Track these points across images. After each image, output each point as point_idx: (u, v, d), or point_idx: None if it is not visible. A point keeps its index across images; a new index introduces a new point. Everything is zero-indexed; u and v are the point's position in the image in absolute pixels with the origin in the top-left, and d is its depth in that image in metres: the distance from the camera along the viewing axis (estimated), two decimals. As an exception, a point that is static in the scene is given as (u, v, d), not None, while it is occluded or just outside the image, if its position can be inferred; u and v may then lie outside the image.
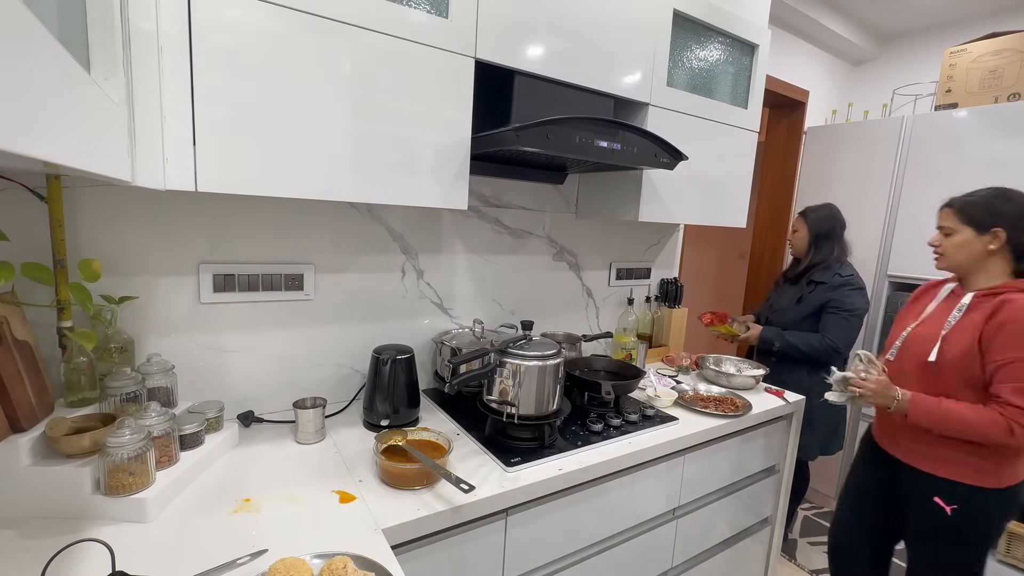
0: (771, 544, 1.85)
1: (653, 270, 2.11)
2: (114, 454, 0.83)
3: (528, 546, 1.13)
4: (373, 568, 0.76)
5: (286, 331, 1.31)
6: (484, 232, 1.61)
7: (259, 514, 0.91)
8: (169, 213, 1.13)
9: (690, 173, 1.57)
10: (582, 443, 1.24)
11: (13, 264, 0.84)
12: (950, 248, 1.26)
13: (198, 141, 0.85)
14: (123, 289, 1.08)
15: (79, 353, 0.95)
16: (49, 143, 0.44)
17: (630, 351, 1.91)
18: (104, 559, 0.72)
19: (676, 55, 1.49)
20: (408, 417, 1.30)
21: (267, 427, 1.25)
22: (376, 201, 1.06)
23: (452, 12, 1.07)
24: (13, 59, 0.36)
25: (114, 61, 0.71)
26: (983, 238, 1.21)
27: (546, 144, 1.09)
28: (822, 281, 1.97)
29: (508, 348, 1.20)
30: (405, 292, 1.48)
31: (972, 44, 2.29)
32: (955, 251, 1.26)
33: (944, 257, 1.29)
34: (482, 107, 1.18)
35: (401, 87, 1.04)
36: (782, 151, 3.00)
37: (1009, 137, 2.07)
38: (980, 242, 1.22)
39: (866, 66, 3.16)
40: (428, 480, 1.02)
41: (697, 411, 1.52)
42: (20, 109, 0.37)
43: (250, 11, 0.87)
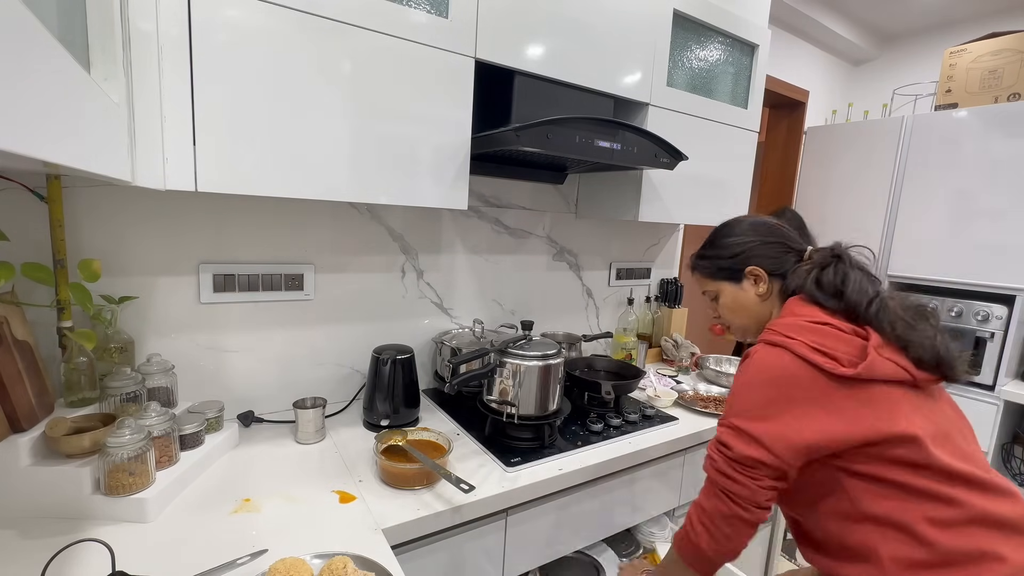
0: (771, 544, 1.85)
1: (653, 270, 2.11)
2: (114, 454, 0.83)
3: (528, 546, 1.13)
4: (373, 568, 0.76)
5: (286, 331, 1.31)
6: (484, 232, 1.61)
7: (259, 514, 0.91)
8: (169, 213, 1.13)
9: (690, 173, 1.57)
10: (582, 443, 1.24)
11: (13, 264, 0.84)
12: (727, 314, 1.02)
13: (198, 141, 0.85)
14: (123, 289, 1.08)
15: (79, 353, 0.95)
16: (49, 143, 0.44)
17: (630, 351, 1.91)
18: (104, 559, 0.72)
19: (676, 55, 1.49)
20: (408, 417, 1.30)
21: (267, 427, 1.25)
22: (376, 201, 1.06)
23: (452, 12, 1.07)
24: (13, 59, 0.36)
25: (114, 61, 0.71)
26: (743, 286, 0.97)
27: (546, 144, 1.09)
28: None
29: (508, 348, 1.20)
30: (405, 292, 1.48)
31: (972, 44, 2.29)
32: (733, 315, 1.00)
33: (732, 328, 1.04)
34: (482, 107, 1.18)
35: (401, 87, 1.04)
36: (782, 151, 3.00)
37: (1009, 137, 2.07)
38: (744, 292, 0.97)
39: (866, 66, 3.16)
40: (428, 480, 1.02)
41: (697, 411, 1.52)
42: (20, 109, 0.37)
43: (250, 11, 0.87)
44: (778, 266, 0.94)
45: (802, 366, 0.77)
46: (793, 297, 0.89)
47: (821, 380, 0.76)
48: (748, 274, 0.96)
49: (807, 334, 0.80)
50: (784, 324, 0.83)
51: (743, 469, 0.78)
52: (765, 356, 0.81)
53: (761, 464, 0.77)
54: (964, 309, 2.16)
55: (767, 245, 0.96)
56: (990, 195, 2.11)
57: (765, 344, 0.83)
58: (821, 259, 0.90)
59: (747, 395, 0.81)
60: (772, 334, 0.83)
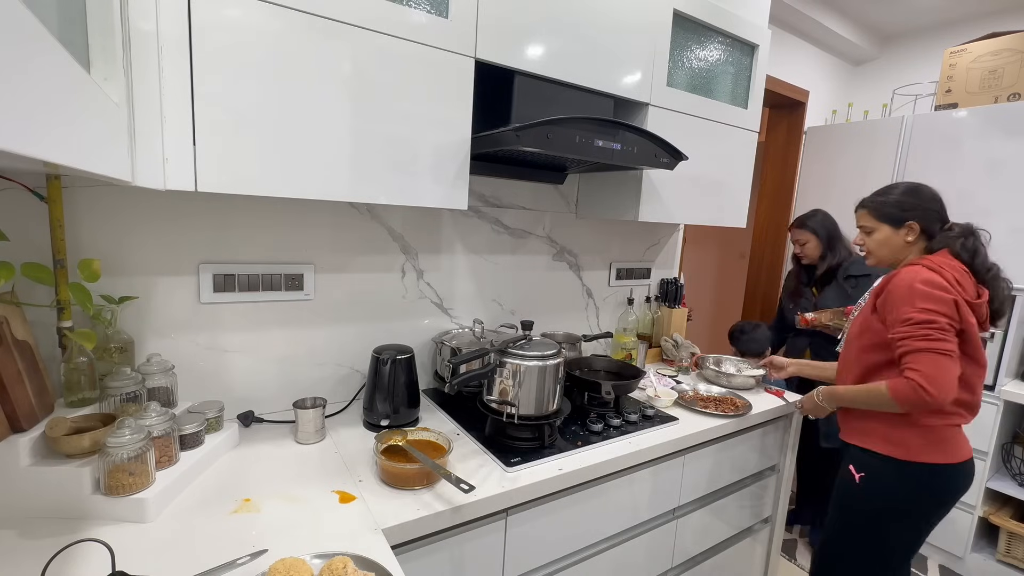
0: (771, 544, 1.86)
1: (653, 270, 2.11)
2: (114, 454, 0.83)
3: (528, 546, 1.13)
4: (373, 568, 0.76)
5: (286, 331, 1.31)
6: (484, 232, 1.61)
7: (259, 514, 0.91)
8: (169, 213, 1.13)
9: (690, 173, 1.57)
10: (582, 443, 1.24)
11: (13, 264, 0.84)
12: (874, 246, 1.34)
13: (198, 141, 0.85)
14: (123, 289, 1.08)
15: (79, 353, 0.95)
16: (49, 143, 0.44)
17: (630, 351, 1.91)
18: (104, 559, 0.72)
19: (676, 55, 1.49)
20: (408, 417, 1.30)
21: (267, 427, 1.25)
22: (376, 201, 1.06)
23: (452, 12, 1.07)
24: (13, 59, 0.36)
25: (114, 61, 0.71)
26: (900, 232, 1.29)
27: (546, 144, 1.09)
28: (865, 274, 2.01)
29: (508, 348, 1.20)
30: (405, 292, 1.48)
31: (972, 44, 2.29)
32: (878, 248, 1.34)
33: (871, 254, 1.36)
34: (482, 107, 1.18)
35: (401, 87, 1.04)
36: (782, 151, 3.00)
37: (1009, 137, 2.07)
38: (898, 236, 1.30)
39: (866, 66, 3.16)
40: (428, 480, 1.02)
41: (697, 411, 1.52)
42: (20, 109, 0.37)
43: (250, 11, 0.87)
44: (929, 228, 1.28)
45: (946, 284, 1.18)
46: (943, 250, 1.25)
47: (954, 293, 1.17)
48: (907, 225, 1.28)
49: (952, 271, 1.20)
50: (940, 260, 1.22)
51: (943, 333, 1.14)
52: (927, 273, 1.19)
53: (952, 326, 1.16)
54: (964, 309, 2.16)
55: (929, 210, 1.28)
56: (990, 195, 2.11)
57: (925, 267, 1.20)
58: (963, 231, 1.26)
59: (920, 288, 1.17)
60: (931, 263, 1.21)
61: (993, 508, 2.17)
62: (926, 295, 1.16)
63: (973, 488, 2.14)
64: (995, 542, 2.16)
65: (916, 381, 1.13)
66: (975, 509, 2.15)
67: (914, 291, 1.17)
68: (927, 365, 1.13)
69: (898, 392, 1.16)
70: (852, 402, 1.31)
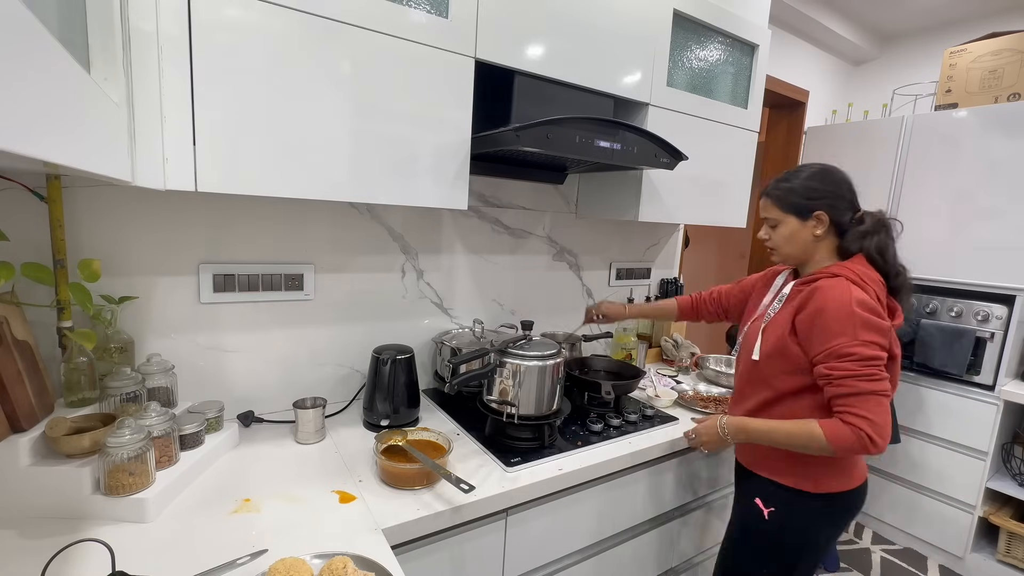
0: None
1: (653, 270, 2.11)
2: (114, 454, 0.83)
3: (528, 546, 1.13)
4: (373, 568, 0.76)
5: (286, 331, 1.31)
6: (484, 232, 1.61)
7: (259, 514, 0.91)
8: (169, 213, 1.13)
9: (690, 173, 1.57)
10: (582, 443, 1.24)
11: (13, 264, 0.84)
12: (779, 241, 1.15)
13: (198, 141, 0.85)
14: (123, 289, 1.08)
15: (79, 353, 0.95)
16: (49, 143, 0.44)
17: (630, 351, 1.91)
18: (104, 559, 0.72)
19: (676, 55, 1.49)
20: (408, 417, 1.30)
21: (267, 427, 1.25)
22: (376, 201, 1.06)
23: (452, 12, 1.07)
24: (13, 59, 0.36)
25: (114, 61, 0.71)
26: (807, 224, 1.11)
27: (546, 144, 1.09)
28: None
29: (508, 348, 1.20)
30: (405, 292, 1.48)
31: (972, 44, 2.29)
32: (784, 243, 1.14)
33: (776, 251, 1.17)
34: (482, 107, 1.18)
35: (401, 87, 1.04)
36: (782, 151, 3.00)
37: (1009, 137, 2.07)
38: (805, 229, 1.11)
39: (866, 66, 3.16)
40: (428, 480, 1.02)
41: (697, 411, 1.52)
42: (20, 109, 0.37)
43: (250, 11, 0.87)
44: (839, 218, 1.11)
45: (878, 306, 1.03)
46: (859, 255, 1.10)
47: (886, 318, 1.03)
48: (815, 216, 1.10)
49: (874, 286, 1.05)
50: (862, 272, 1.06)
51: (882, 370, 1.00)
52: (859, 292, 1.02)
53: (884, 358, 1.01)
54: (964, 309, 2.16)
55: (839, 198, 1.11)
56: (990, 195, 2.11)
57: (848, 281, 1.03)
58: (874, 225, 1.09)
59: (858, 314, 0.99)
60: (855, 276, 1.05)
61: (993, 508, 2.17)
62: (866, 323, 0.98)
63: (973, 488, 2.15)
64: (995, 542, 2.16)
65: (864, 431, 0.96)
66: (975, 509, 2.15)
67: (853, 317, 0.98)
68: (875, 412, 0.97)
69: (840, 440, 0.98)
70: (768, 440, 1.11)
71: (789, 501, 1.14)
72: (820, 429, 1.01)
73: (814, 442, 1.02)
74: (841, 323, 0.99)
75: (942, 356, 2.17)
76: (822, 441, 1.00)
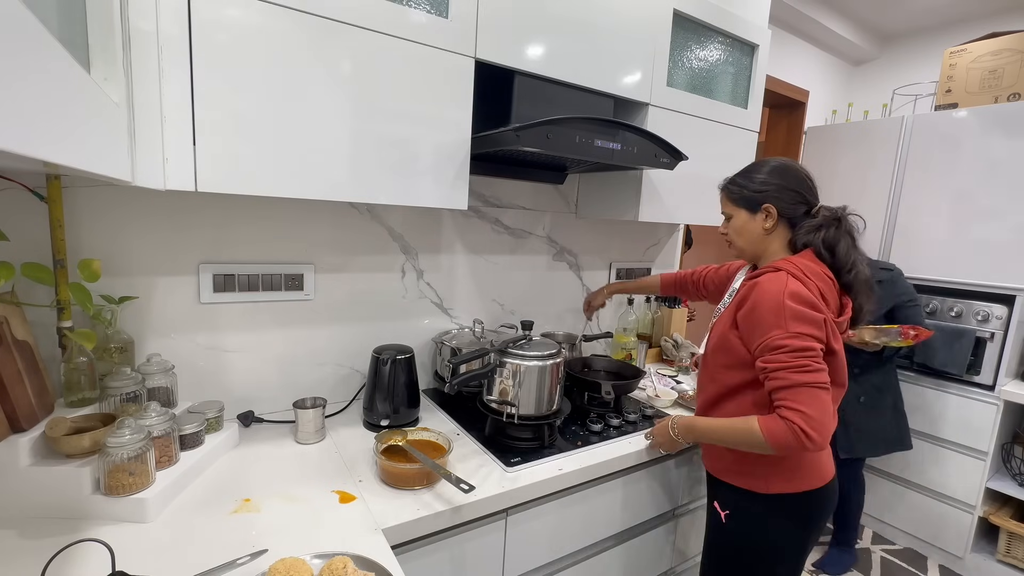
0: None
1: (653, 270, 2.11)
2: (114, 454, 0.83)
3: (528, 546, 1.13)
4: (373, 568, 0.76)
5: (286, 331, 1.31)
6: (484, 232, 1.61)
7: (259, 514, 0.91)
8: (169, 213, 1.13)
9: (690, 173, 1.57)
10: (582, 443, 1.24)
11: (13, 264, 0.84)
12: (732, 234, 1.16)
13: (198, 141, 0.85)
14: (123, 289, 1.08)
15: (79, 353, 0.95)
16: (49, 143, 0.44)
17: (630, 351, 1.91)
18: (104, 559, 0.72)
19: (676, 55, 1.49)
20: (408, 417, 1.30)
21: (267, 427, 1.25)
22: (376, 201, 1.06)
23: (452, 12, 1.07)
24: (13, 59, 0.36)
25: (114, 61, 0.71)
26: (756, 217, 1.11)
27: (546, 144, 1.09)
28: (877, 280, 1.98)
29: (508, 348, 1.20)
30: (405, 292, 1.48)
31: (972, 44, 2.29)
32: (736, 236, 1.15)
33: (732, 245, 1.18)
34: (482, 107, 1.18)
35: (401, 87, 1.04)
36: (782, 151, 3.00)
37: (1009, 137, 2.07)
38: (754, 222, 1.11)
39: (866, 66, 3.16)
40: (428, 480, 1.02)
41: (697, 411, 1.52)
42: (20, 109, 0.37)
43: (250, 11, 0.87)
44: (789, 212, 1.09)
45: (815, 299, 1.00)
46: (809, 250, 1.08)
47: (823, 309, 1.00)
48: (763, 209, 1.10)
49: (818, 280, 1.03)
50: (805, 266, 1.04)
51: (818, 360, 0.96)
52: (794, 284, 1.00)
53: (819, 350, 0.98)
54: (964, 309, 2.16)
55: (787, 191, 1.09)
56: (990, 195, 2.11)
57: (787, 274, 1.02)
58: (827, 219, 1.07)
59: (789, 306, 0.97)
60: (796, 269, 1.02)
61: (993, 508, 2.17)
62: (798, 315, 0.96)
63: (973, 488, 2.14)
64: (995, 542, 2.16)
65: (798, 425, 0.92)
66: (975, 509, 2.15)
67: (784, 309, 0.97)
68: (808, 404, 0.93)
69: (775, 436, 0.95)
70: (713, 438, 1.11)
71: (741, 503, 1.12)
72: (757, 425, 0.98)
73: (753, 438, 0.99)
74: (775, 315, 0.98)
75: (942, 356, 2.17)
76: (758, 436, 0.97)
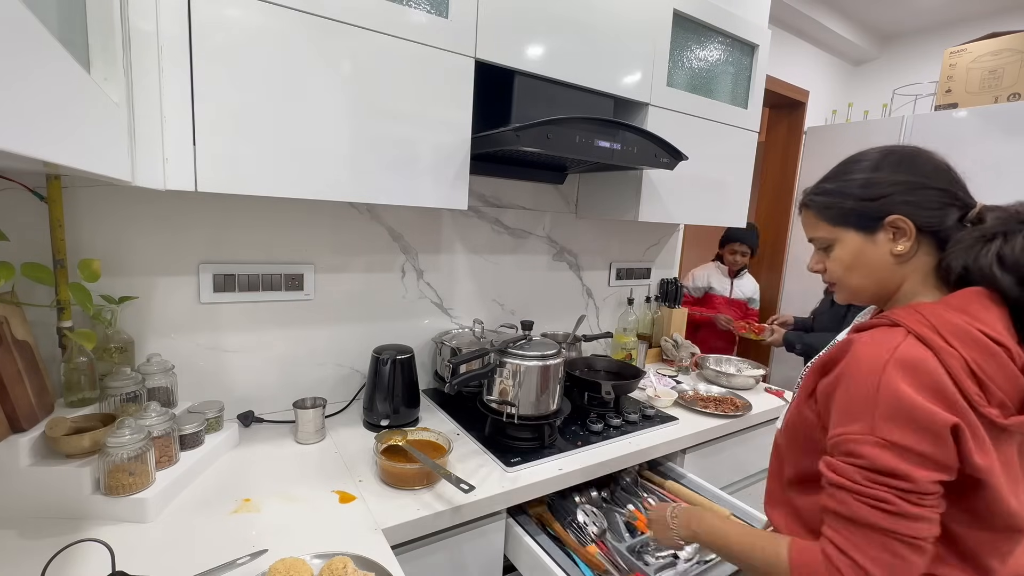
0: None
1: (653, 270, 2.11)
2: (114, 454, 0.83)
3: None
4: (373, 568, 0.76)
5: (286, 331, 1.31)
6: (484, 232, 1.61)
7: (259, 514, 0.91)
8: (169, 213, 1.13)
9: (690, 173, 1.57)
10: (582, 443, 1.24)
11: (13, 264, 0.84)
12: (838, 270, 0.76)
13: (198, 141, 0.85)
14: (123, 289, 1.08)
15: (79, 353, 0.95)
16: (49, 143, 0.44)
17: (630, 351, 1.91)
18: (104, 559, 0.72)
19: (676, 55, 1.49)
20: (408, 417, 1.30)
21: (267, 427, 1.25)
22: (376, 201, 1.06)
23: (452, 12, 1.07)
24: (13, 60, 0.36)
25: (114, 61, 0.71)
26: (878, 239, 0.71)
27: (546, 144, 1.09)
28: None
29: (508, 348, 1.20)
30: (405, 292, 1.48)
31: (972, 44, 2.29)
32: (846, 273, 0.75)
33: (839, 286, 0.78)
34: (482, 107, 1.18)
35: (401, 87, 1.04)
36: (782, 151, 3.00)
37: (1009, 137, 2.07)
38: (876, 247, 0.71)
39: (866, 66, 3.16)
40: (428, 480, 1.02)
41: (697, 411, 1.52)
42: (20, 109, 0.37)
43: (250, 11, 0.87)
44: (935, 222, 0.68)
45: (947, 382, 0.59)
46: (978, 288, 0.65)
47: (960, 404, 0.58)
48: (888, 225, 0.70)
49: (971, 348, 0.60)
50: (945, 320, 0.62)
51: (920, 499, 0.59)
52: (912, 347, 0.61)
53: (941, 486, 0.59)
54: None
55: (927, 190, 0.69)
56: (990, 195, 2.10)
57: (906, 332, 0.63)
58: (1001, 223, 0.65)
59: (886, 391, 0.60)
60: (923, 325, 0.62)
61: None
62: (899, 411, 0.59)
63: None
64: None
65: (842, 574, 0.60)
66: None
67: (877, 396, 0.60)
68: (872, 559, 0.59)
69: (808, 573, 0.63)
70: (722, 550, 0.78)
71: None
72: (786, 551, 0.66)
73: (776, 568, 0.67)
74: (863, 401, 0.62)
75: None
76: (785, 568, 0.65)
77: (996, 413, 0.59)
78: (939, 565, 0.64)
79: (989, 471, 0.59)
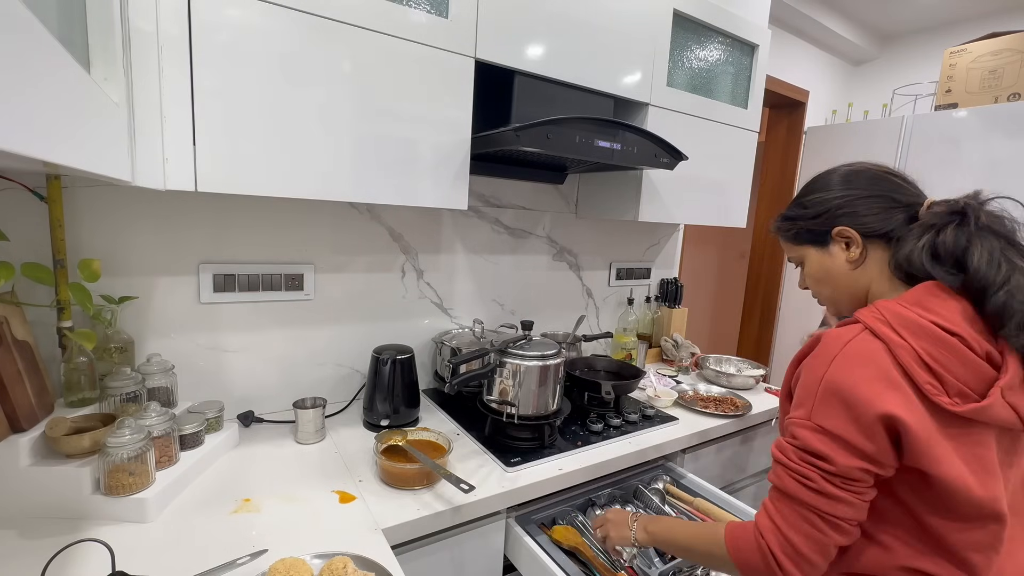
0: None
1: (653, 270, 2.11)
2: (114, 454, 0.83)
3: (528, 546, 1.13)
4: (373, 568, 0.76)
5: (286, 331, 1.31)
6: (484, 232, 1.61)
7: (259, 514, 0.91)
8: (169, 213, 1.13)
9: (690, 173, 1.57)
10: (582, 443, 1.24)
11: (13, 264, 0.84)
12: (813, 284, 0.84)
13: (198, 141, 0.85)
14: (123, 289, 1.08)
15: (79, 353, 0.95)
16: (49, 143, 0.44)
17: (630, 351, 1.91)
18: (104, 559, 0.72)
19: (676, 55, 1.49)
20: (408, 417, 1.30)
21: (267, 427, 1.25)
22: (376, 201, 1.06)
23: (452, 12, 1.07)
24: (13, 59, 0.36)
25: (114, 61, 0.71)
26: (833, 250, 0.78)
27: (546, 144, 1.09)
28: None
29: (508, 348, 1.20)
30: (405, 292, 1.48)
31: (972, 44, 2.29)
32: (816, 285, 0.83)
33: (819, 299, 0.86)
34: (482, 107, 1.18)
35: (401, 87, 1.04)
36: (782, 151, 3.00)
37: (1009, 137, 2.07)
38: (832, 258, 0.79)
39: (866, 66, 3.16)
40: (428, 480, 1.02)
41: (697, 411, 1.52)
42: (20, 109, 0.37)
43: (250, 11, 0.87)
44: (877, 226, 0.74)
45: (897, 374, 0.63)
46: (929, 282, 0.68)
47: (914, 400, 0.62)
48: (836, 236, 0.77)
49: (922, 339, 0.63)
50: (896, 314, 0.65)
51: (844, 483, 0.64)
52: (860, 340, 0.66)
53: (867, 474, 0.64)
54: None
55: (863, 200, 0.76)
56: (990, 195, 2.11)
57: (867, 331, 0.66)
58: (936, 216, 0.69)
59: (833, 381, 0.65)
60: (877, 320, 0.66)
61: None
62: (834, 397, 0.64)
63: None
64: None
65: (767, 544, 0.67)
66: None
67: (818, 384, 0.67)
68: (795, 527, 0.66)
69: (739, 547, 0.70)
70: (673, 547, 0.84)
71: None
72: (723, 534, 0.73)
73: (716, 549, 0.73)
74: (808, 390, 0.68)
75: None
76: (720, 545, 0.72)
77: (950, 402, 0.61)
78: (918, 558, 0.66)
79: (935, 461, 0.61)
